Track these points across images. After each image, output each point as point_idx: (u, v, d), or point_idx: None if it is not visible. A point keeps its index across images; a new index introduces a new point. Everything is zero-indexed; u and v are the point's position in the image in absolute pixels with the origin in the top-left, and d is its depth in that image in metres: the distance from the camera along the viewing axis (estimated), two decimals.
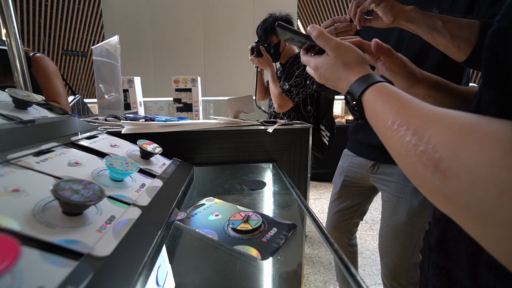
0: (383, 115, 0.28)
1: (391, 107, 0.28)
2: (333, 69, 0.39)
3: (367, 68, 0.37)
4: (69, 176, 0.33)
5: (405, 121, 0.25)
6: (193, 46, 3.58)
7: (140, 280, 0.24)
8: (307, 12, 7.74)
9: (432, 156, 0.20)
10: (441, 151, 0.20)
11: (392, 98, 0.29)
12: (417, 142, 0.22)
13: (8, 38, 0.82)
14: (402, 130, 0.24)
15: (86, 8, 6.94)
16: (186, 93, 1.18)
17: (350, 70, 0.37)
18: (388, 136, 0.27)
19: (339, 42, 0.39)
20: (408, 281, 0.92)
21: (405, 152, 0.24)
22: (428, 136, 0.22)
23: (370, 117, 0.32)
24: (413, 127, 0.24)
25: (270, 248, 0.35)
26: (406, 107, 0.26)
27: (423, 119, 0.23)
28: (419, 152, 0.22)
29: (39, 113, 0.48)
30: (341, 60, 0.38)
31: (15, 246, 0.18)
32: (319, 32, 0.41)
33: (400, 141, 0.24)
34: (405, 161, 0.24)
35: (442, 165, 0.19)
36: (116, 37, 0.81)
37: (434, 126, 0.22)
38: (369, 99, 0.32)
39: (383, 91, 0.31)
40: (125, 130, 0.62)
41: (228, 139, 0.71)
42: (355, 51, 0.39)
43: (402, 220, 0.87)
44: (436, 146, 0.21)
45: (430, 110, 0.24)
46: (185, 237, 0.41)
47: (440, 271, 0.32)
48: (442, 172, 0.19)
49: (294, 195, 0.54)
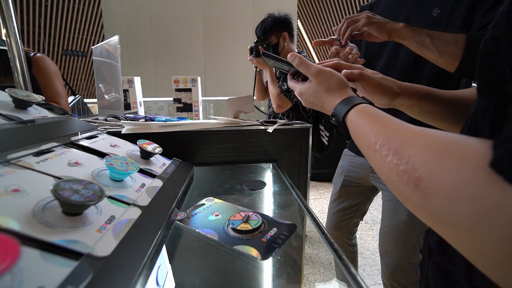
0: (366, 135, 0.30)
1: (372, 127, 0.30)
2: (317, 94, 0.42)
3: (349, 91, 0.40)
4: (69, 176, 0.33)
5: (386, 141, 0.26)
6: (193, 46, 3.58)
7: (140, 280, 0.24)
8: (307, 12, 7.74)
9: (413, 175, 0.21)
10: (420, 170, 0.21)
11: (372, 118, 0.31)
12: (397, 162, 0.23)
13: (8, 38, 0.82)
14: (384, 150, 0.26)
15: (86, 8, 6.94)
16: (186, 93, 1.18)
17: (333, 94, 0.40)
18: (371, 156, 0.29)
19: (320, 69, 0.42)
20: (408, 281, 0.92)
21: (388, 171, 0.25)
22: (407, 156, 0.23)
23: (355, 137, 0.34)
24: (393, 147, 0.25)
25: (270, 248, 0.35)
26: (386, 127, 0.28)
27: (402, 139, 0.25)
28: (400, 171, 0.23)
29: (39, 113, 0.48)
30: (323, 85, 0.41)
31: (15, 246, 0.18)
32: (300, 60, 0.44)
33: (383, 161, 0.25)
34: (388, 179, 0.25)
35: (422, 184, 0.21)
36: (116, 37, 0.81)
37: (413, 146, 0.23)
38: (352, 121, 0.34)
39: (364, 112, 0.33)
40: (125, 130, 0.62)
41: (228, 139, 0.71)
42: (336, 76, 0.42)
43: (403, 219, 0.87)
44: (415, 165, 0.22)
45: (408, 130, 0.25)
46: (185, 237, 0.41)
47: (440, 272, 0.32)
48: (422, 190, 0.20)
49: (294, 195, 0.54)
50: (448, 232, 0.20)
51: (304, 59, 0.44)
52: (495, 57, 0.22)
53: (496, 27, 0.22)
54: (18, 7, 6.42)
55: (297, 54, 0.45)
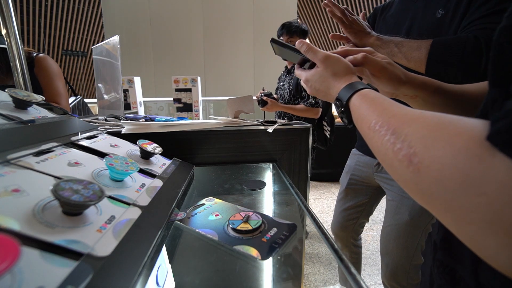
0: (367, 117, 0.31)
1: (374, 110, 0.30)
2: (323, 79, 0.43)
3: (354, 77, 0.41)
4: (69, 176, 0.33)
5: (385, 122, 0.27)
6: (193, 46, 3.58)
7: (140, 280, 0.24)
8: (307, 12, 7.74)
9: (408, 151, 0.22)
10: (415, 146, 0.22)
11: (375, 102, 0.32)
12: (394, 140, 0.24)
13: (8, 38, 0.82)
14: (383, 130, 0.27)
15: (86, 8, 6.95)
16: (186, 93, 1.18)
17: (339, 79, 0.40)
18: (371, 136, 0.29)
19: (327, 54, 0.43)
20: (409, 283, 0.92)
21: (384, 149, 0.26)
22: (404, 134, 0.24)
23: (356, 120, 0.35)
24: (392, 127, 0.26)
25: (270, 248, 0.35)
26: (387, 110, 0.29)
27: (401, 120, 0.26)
28: (396, 149, 0.24)
29: (39, 113, 0.48)
30: (330, 70, 0.42)
31: (15, 246, 0.18)
32: (308, 46, 0.45)
33: (381, 140, 0.26)
34: (384, 158, 0.26)
35: (416, 159, 0.21)
36: (116, 37, 0.81)
37: (410, 126, 0.24)
38: (355, 104, 0.35)
39: (367, 96, 0.34)
40: (125, 130, 0.62)
41: (228, 139, 0.71)
42: (343, 62, 0.42)
43: (405, 220, 0.87)
44: (411, 142, 0.22)
45: (407, 112, 0.26)
46: (185, 237, 0.41)
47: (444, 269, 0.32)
48: (415, 165, 0.21)
49: (294, 195, 0.54)
50: (437, 206, 0.20)
51: (312, 46, 0.45)
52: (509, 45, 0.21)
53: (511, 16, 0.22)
54: (18, 7, 6.42)
55: (305, 41, 0.45)
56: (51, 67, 1.25)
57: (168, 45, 3.54)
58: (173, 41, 3.53)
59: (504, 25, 0.22)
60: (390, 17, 0.90)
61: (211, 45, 3.57)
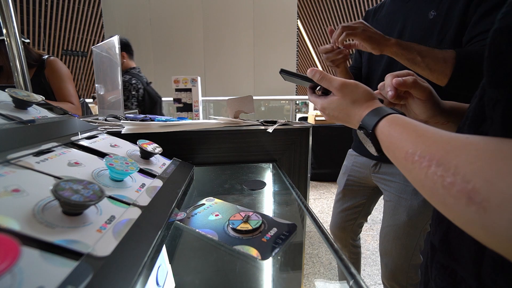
0: (401, 146, 0.27)
1: (408, 137, 0.27)
2: (341, 108, 0.40)
3: (377, 102, 0.38)
4: (69, 176, 0.33)
5: (425, 151, 0.24)
6: (193, 46, 3.58)
7: (140, 280, 0.24)
8: (307, 12, 7.74)
9: (464, 187, 0.19)
10: (473, 181, 0.19)
11: (407, 128, 0.28)
12: (442, 173, 0.21)
13: (8, 38, 0.82)
14: (424, 161, 0.23)
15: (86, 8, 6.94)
16: (186, 93, 1.18)
17: (360, 106, 0.38)
18: (409, 168, 0.26)
19: (343, 82, 0.40)
20: (409, 283, 0.92)
21: (431, 184, 0.22)
22: (454, 166, 0.20)
23: (387, 150, 0.31)
24: (436, 157, 0.22)
25: (270, 248, 0.35)
26: (424, 136, 0.25)
27: (445, 148, 0.22)
28: (446, 183, 0.20)
29: (39, 113, 0.48)
30: (349, 98, 0.39)
31: (15, 246, 0.18)
32: (321, 74, 0.42)
33: (424, 172, 0.23)
34: (432, 194, 0.23)
35: (478, 197, 0.18)
36: (116, 37, 0.81)
37: (460, 155, 0.20)
38: (383, 132, 0.32)
39: (396, 122, 0.31)
40: (125, 130, 0.62)
41: (228, 139, 0.71)
42: (362, 87, 0.39)
43: (403, 220, 0.87)
44: (466, 176, 0.19)
45: (450, 138, 0.23)
46: (185, 237, 0.41)
47: (444, 271, 0.32)
48: (479, 204, 0.18)
49: (294, 195, 0.54)
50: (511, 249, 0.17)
51: (325, 74, 0.42)
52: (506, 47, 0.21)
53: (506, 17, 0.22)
54: (18, 7, 6.42)
55: (317, 69, 0.43)
56: (61, 69, 1.31)
57: (168, 45, 3.54)
58: (173, 41, 3.53)
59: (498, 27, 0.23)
60: (382, 18, 0.89)
61: (211, 45, 3.57)
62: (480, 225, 0.18)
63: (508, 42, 0.21)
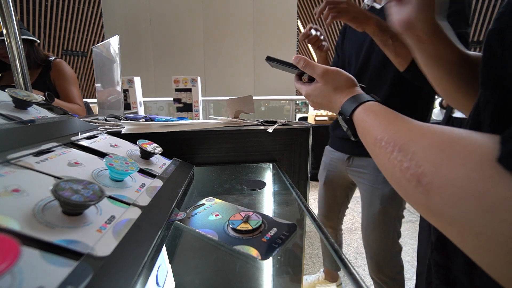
0: (372, 132, 0.30)
1: (379, 124, 0.29)
2: (324, 94, 0.42)
3: (357, 89, 0.39)
4: (69, 176, 0.33)
5: (391, 138, 0.26)
6: (193, 46, 3.58)
7: (140, 280, 0.24)
8: (307, 12, 7.74)
9: (416, 171, 0.21)
10: (423, 166, 0.21)
11: (379, 115, 0.31)
12: (402, 158, 0.23)
13: (8, 38, 0.82)
14: (389, 147, 0.26)
15: (86, 8, 6.95)
16: (186, 93, 1.17)
17: (341, 93, 0.39)
18: (376, 152, 0.28)
19: (326, 69, 0.41)
20: (394, 271, 0.99)
21: (391, 167, 0.25)
22: (411, 152, 0.23)
23: (361, 135, 0.34)
24: (398, 144, 0.25)
25: (270, 248, 0.35)
26: (392, 124, 0.28)
27: (408, 136, 0.24)
28: (403, 168, 0.23)
29: (39, 113, 0.48)
30: (331, 85, 0.41)
31: (15, 246, 0.18)
32: (305, 62, 0.43)
33: (387, 157, 0.25)
34: (391, 176, 0.25)
35: (425, 179, 0.20)
36: (116, 37, 0.81)
37: (418, 143, 0.23)
38: (359, 118, 0.34)
39: (371, 109, 0.33)
40: (125, 130, 0.62)
41: (228, 139, 0.71)
42: (344, 75, 0.41)
43: (378, 209, 0.94)
44: (419, 161, 0.21)
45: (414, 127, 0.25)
46: (185, 237, 0.41)
47: (438, 268, 0.32)
48: (425, 186, 0.20)
49: (294, 195, 0.54)
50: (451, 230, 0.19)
51: (309, 61, 0.44)
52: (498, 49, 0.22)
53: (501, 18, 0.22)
54: (18, 7, 6.42)
55: (302, 56, 0.44)
56: (67, 71, 1.33)
57: (168, 45, 3.54)
58: (173, 41, 3.53)
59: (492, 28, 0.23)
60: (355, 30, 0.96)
61: (211, 45, 3.57)
62: (425, 205, 0.21)
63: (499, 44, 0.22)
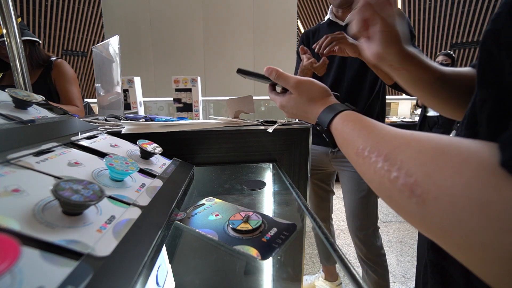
0: (353, 142, 0.29)
1: (359, 133, 0.29)
2: (299, 106, 0.41)
3: (331, 98, 0.39)
4: (69, 176, 0.33)
5: (374, 147, 0.25)
6: (193, 46, 3.58)
7: (140, 280, 0.24)
8: (307, 12, 7.74)
9: (407, 181, 0.20)
10: (415, 175, 0.20)
11: (358, 124, 0.30)
12: (389, 167, 0.22)
13: (8, 38, 0.82)
14: (373, 157, 0.24)
15: (86, 8, 6.95)
16: (186, 93, 1.17)
17: (315, 103, 0.39)
18: (360, 163, 0.27)
19: (299, 80, 0.41)
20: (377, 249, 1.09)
21: (378, 178, 0.23)
22: (400, 161, 0.21)
23: (341, 145, 0.33)
24: (383, 153, 0.23)
25: (270, 248, 0.35)
26: (373, 133, 0.27)
27: (392, 144, 0.23)
28: (392, 178, 0.21)
29: (39, 113, 0.48)
30: (305, 96, 0.40)
31: (15, 246, 0.18)
32: (277, 73, 0.43)
33: (373, 168, 0.24)
34: (380, 187, 0.24)
35: (418, 189, 0.19)
36: (116, 37, 0.81)
37: (405, 151, 0.22)
38: (337, 128, 0.33)
39: (349, 119, 0.32)
40: (125, 130, 0.62)
41: (228, 139, 0.71)
42: (317, 85, 0.40)
43: (363, 193, 1.05)
44: (409, 170, 0.20)
45: (396, 134, 0.24)
46: (185, 237, 0.41)
47: (434, 268, 0.32)
48: (419, 196, 0.19)
49: (294, 195, 0.54)
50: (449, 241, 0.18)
51: (281, 72, 0.43)
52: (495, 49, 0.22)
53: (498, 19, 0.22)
54: (18, 7, 6.42)
55: (274, 68, 0.43)
56: (68, 72, 1.34)
57: (168, 45, 3.53)
58: (173, 41, 3.53)
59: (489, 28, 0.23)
60: None
61: (211, 45, 3.57)
62: (419, 217, 0.19)
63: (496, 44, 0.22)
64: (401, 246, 1.89)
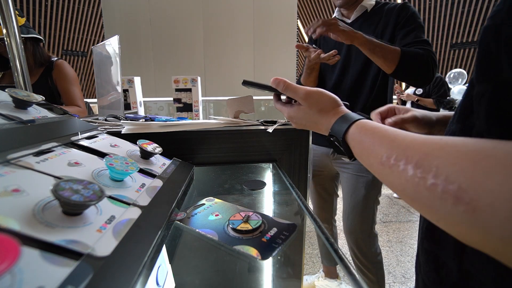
0: (375, 151, 0.27)
1: (380, 142, 0.27)
2: (308, 117, 0.40)
3: (342, 108, 0.38)
4: (69, 176, 0.33)
5: (401, 154, 0.23)
6: (193, 46, 3.58)
7: (140, 280, 0.24)
8: (307, 12, 7.75)
9: (448, 187, 0.19)
10: (458, 181, 0.18)
11: (378, 133, 0.29)
12: (423, 175, 0.21)
13: (8, 38, 0.82)
14: (401, 165, 0.23)
15: (86, 8, 6.95)
16: (186, 93, 1.17)
17: (326, 114, 0.38)
18: (386, 172, 0.25)
19: (308, 91, 0.40)
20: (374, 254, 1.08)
21: (413, 187, 0.22)
22: (435, 167, 0.20)
23: (361, 156, 0.31)
24: (414, 160, 0.22)
25: (270, 248, 0.35)
26: (397, 140, 0.25)
27: (421, 150, 0.22)
28: (429, 185, 0.20)
29: (39, 113, 0.48)
30: (315, 107, 0.39)
31: (15, 246, 0.18)
32: (285, 84, 0.42)
33: (404, 176, 0.23)
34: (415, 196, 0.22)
35: (466, 196, 0.18)
36: (116, 37, 0.81)
37: (439, 157, 0.20)
38: (354, 138, 0.32)
39: (366, 127, 0.31)
40: (125, 130, 0.62)
41: (228, 139, 0.71)
42: (327, 95, 0.39)
43: (362, 194, 1.04)
44: (449, 177, 0.19)
45: (425, 140, 0.23)
46: (185, 237, 0.41)
47: (428, 256, 0.32)
48: (468, 204, 0.17)
49: (294, 195, 0.54)
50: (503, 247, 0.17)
51: (289, 83, 0.42)
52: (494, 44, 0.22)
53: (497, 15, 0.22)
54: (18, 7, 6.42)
55: (281, 79, 0.42)
56: (69, 72, 1.34)
57: (168, 45, 3.53)
58: (173, 41, 3.53)
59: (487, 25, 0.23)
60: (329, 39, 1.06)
61: (211, 45, 3.57)
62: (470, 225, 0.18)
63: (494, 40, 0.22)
64: (401, 246, 1.89)
